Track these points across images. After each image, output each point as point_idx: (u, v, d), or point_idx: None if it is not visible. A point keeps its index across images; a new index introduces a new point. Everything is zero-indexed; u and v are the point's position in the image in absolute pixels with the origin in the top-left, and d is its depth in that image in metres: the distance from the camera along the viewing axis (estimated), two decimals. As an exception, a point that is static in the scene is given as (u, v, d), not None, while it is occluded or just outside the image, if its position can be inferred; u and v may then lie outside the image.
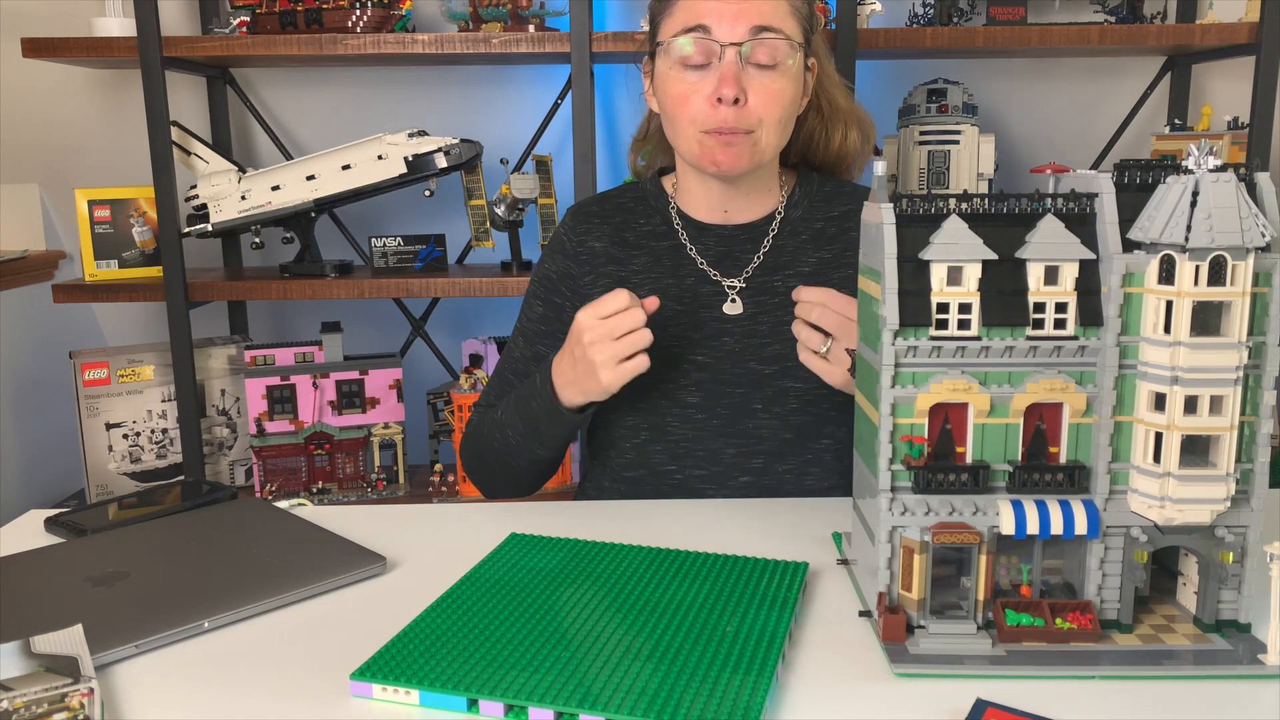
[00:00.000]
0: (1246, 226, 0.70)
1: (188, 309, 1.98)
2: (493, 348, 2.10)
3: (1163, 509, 0.75)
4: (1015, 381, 0.77)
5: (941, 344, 0.76)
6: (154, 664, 0.79)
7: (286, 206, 2.02)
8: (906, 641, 0.78)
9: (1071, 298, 0.76)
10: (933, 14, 2.00)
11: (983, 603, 0.78)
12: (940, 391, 0.77)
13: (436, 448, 2.22)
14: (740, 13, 1.14)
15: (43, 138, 2.27)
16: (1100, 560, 0.77)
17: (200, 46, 1.92)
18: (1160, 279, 0.73)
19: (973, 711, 0.69)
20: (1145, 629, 0.79)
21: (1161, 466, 0.74)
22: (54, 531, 1.09)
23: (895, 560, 0.79)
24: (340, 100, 2.25)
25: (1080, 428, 0.78)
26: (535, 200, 2.03)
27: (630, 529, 1.06)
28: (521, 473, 1.25)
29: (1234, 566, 0.77)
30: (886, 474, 0.78)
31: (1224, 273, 0.72)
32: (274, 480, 2.03)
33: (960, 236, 0.76)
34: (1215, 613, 0.79)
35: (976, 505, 0.77)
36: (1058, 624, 0.77)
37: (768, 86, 1.16)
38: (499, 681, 0.72)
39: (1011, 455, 0.78)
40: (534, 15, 1.96)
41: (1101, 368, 0.76)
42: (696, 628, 0.80)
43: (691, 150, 1.20)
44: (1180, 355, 0.72)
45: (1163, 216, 0.73)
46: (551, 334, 1.30)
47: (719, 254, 1.27)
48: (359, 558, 0.96)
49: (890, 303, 0.76)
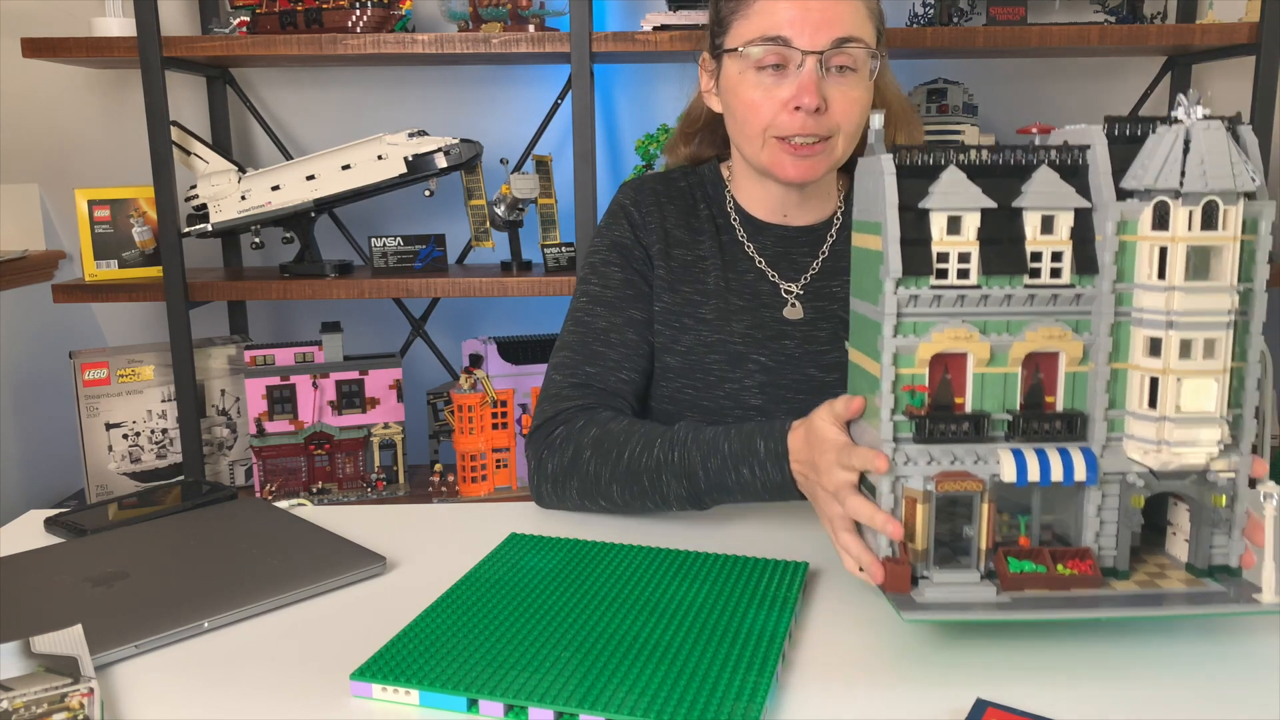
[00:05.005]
0: (1237, 171, 0.73)
1: (188, 309, 1.98)
2: (493, 348, 2.10)
3: (1159, 453, 0.76)
4: (1014, 330, 0.79)
5: (942, 293, 0.77)
6: (154, 664, 0.79)
7: (286, 206, 2.02)
8: (911, 592, 0.78)
9: (1067, 246, 0.78)
10: (933, 14, 2.00)
11: (985, 551, 0.78)
12: (941, 341, 0.78)
13: (436, 448, 2.22)
14: (822, 22, 1.10)
15: (43, 138, 2.27)
16: (1098, 508, 0.78)
17: (200, 46, 1.92)
18: (1154, 225, 0.75)
19: (973, 711, 0.69)
20: (1141, 575, 0.80)
21: (1158, 411, 0.76)
22: (54, 531, 1.09)
23: (898, 511, 0.79)
24: (340, 100, 2.25)
25: (1077, 376, 0.79)
26: (535, 200, 2.03)
27: (630, 529, 1.05)
28: (637, 512, 1.10)
29: (1225, 510, 0.79)
30: (889, 424, 0.79)
31: (1216, 217, 0.74)
32: (274, 480, 2.03)
33: (959, 186, 0.77)
34: (1208, 558, 0.80)
35: (978, 454, 0.78)
36: (1059, 570, 0.78)
37: (847, 94, 1.12)
38: (499, 681, 0.72)
39: (1010, 404, 0.79)
40: (534, 15, 1.96)
41: (1097, 314, 0.78)
42: (696, 628, 0.80)
43: (760, 158, 1.17)
44: (1175, 299, 0.74)
45: (1156, 164, 0.75)
46: (640, 297, 1.22)
47: (776, 254, 1.25)
48: (359, 558, 0.96)
49: (892, 252, 0.77)
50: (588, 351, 1.20)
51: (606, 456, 1.08)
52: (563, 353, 1.21)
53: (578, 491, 1.10)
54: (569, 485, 1.10)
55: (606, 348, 1.20)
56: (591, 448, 1.09)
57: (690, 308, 1.22)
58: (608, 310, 1.22)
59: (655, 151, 2.01)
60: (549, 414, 1.16)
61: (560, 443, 1.12)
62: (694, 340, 1.22)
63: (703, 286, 1.23)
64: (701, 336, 1.22)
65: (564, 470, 1.10)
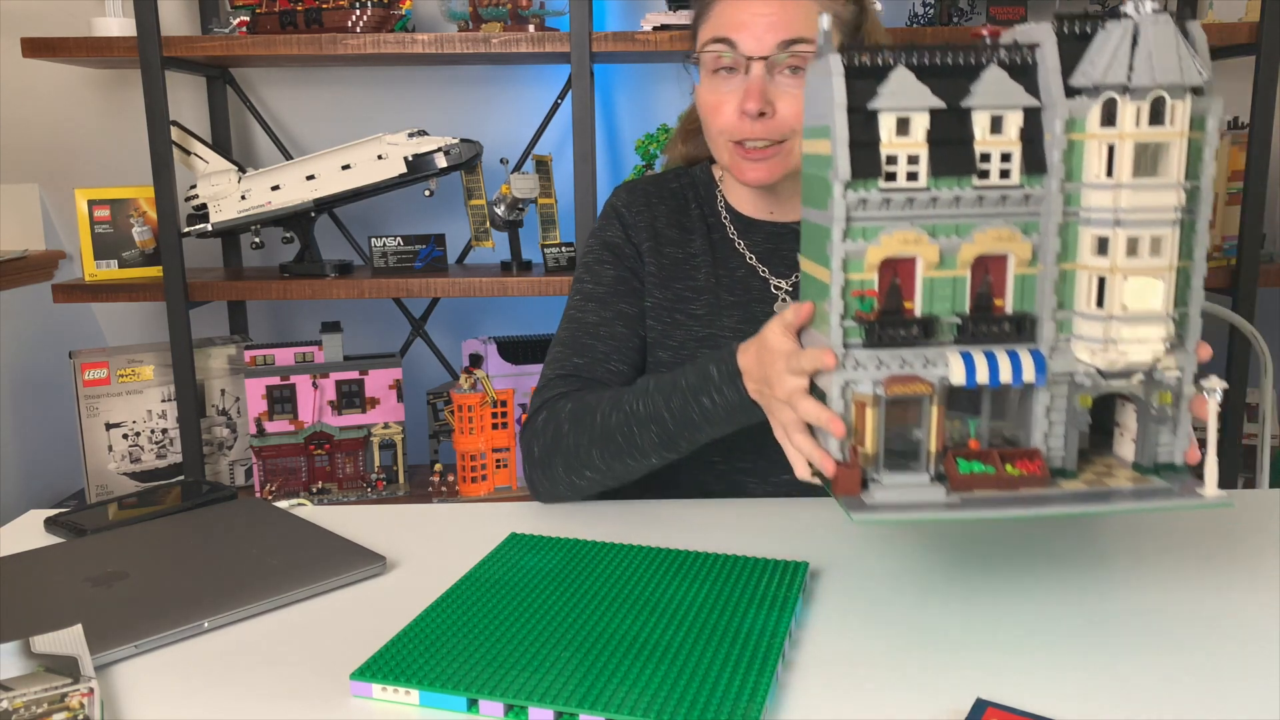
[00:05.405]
0: (1185, 65, 0.73)
1: (187, 309, 1.98)
2: (493, 348, 2.10)
3: (1106, 352, 0.77)
4: (963, 232, 0.78)
5: (891, 195, 0.77)
6: (154, 664, 0.79)
7: (286, 206, 2.02)
8: (862, 495, 0.78)
9: (1016, 146, 0.77)
10: (933, 14, 2.00)
11: (934, 454, 0.79)
12: (890, 244, 0.77)
13: (436, 448, 2.22)
14: (769, 26, 1.09)
15: (43, 138, 2.27)
16: (1046, 408, 0.79)
17: (200, 46, 1.92)
18: (1103, 122, 0.75)
19: (972, 711, 0.69)
20: (1089, 475, 0.81)
21: (1105, 310, 0.76)
22: (54, 531, 1.09)
23: (848, 416, 0.79)
24: (340, 100, 2.25)
25: (1025, 279, 0.79)
26: (535, 200, 2.03)
27: (630, 529, 1.05)
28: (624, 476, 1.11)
29: (1170, 408, 0.79)
30: (838, 330, 0.79)
31: (1164, 112, 0.73)
32: (274, 480, 2.03)
33: (908, 86, 0.76)
34: (1154, 455, 0.81)
35: (926, 358, 0.78)
36: (1008, 470, 0.78)
37: (799, 97, 1.10)
38: (499, 681, 0.72)
39: (959, 308, 0.79)
40: (534, 15, 1.96)
41: (1046, 214, 0.77)
42: (696, 628, 0.80)
43: (723, 159, 1.18)
44: (1122, 197, 0.74)
45: (1104, 59, 0.74)
46: (632, 293, 1.24)
47: (766, 250, 1.25)
48: (359, 558, 0.96)
49: (840, 154, 0.76)
50: (577, 345, 1.22)
51: (583, 425, 1.10)
52: (555, 349, 1.23)
53: (563, 468, 1.12)
54: (554, 464, 1.12)
55: (595, 340, 1.22)
56: (570, 421, 1.12)
57: (682, 304, 1.23)
58: (599, 305, 1.24)
59: (655, 151, 2.01)
60: (536, 405, 1.19)
61: (543, 425, 1.14)
62: (685, 335, 1.23)
63: (694, 283, 1.24)
64: (693, 332, 1.23)
65: (548, 450, 1.12)
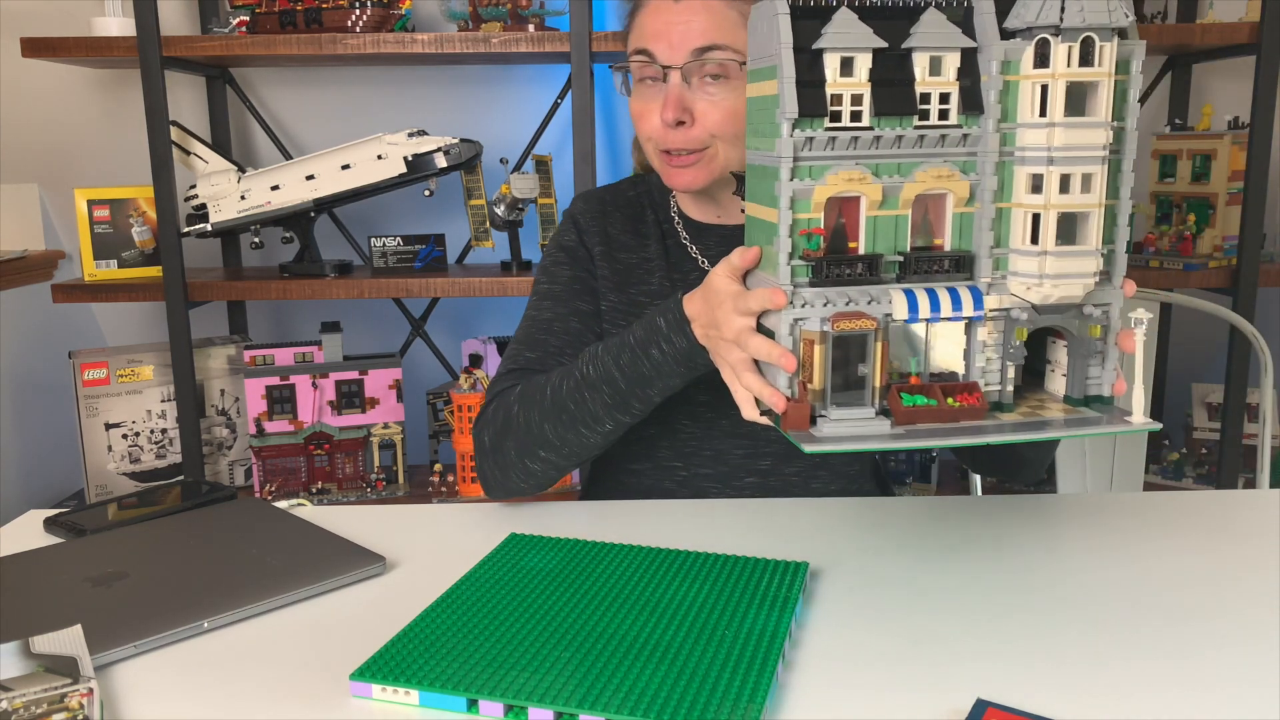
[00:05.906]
0: (1112, 7, 0.77)
1: (187, 309, 1.98)
2: (493, 348, 2.10)
3: (1040, 286, 0.80)
4: (905, 172, 0.81)
5: (836, 135, 0.80)
6: (154, 664, 0.79)
7: (286, 206, 2.02)
8: (811, 429, 0.81)
9: (954, 87, 0.80)
10: (933, 14, 2.00)
11: (879, 389, 0.82)
12: (836, 183, 0.80)
13: (436, 448, 2.22)
14: (683, 34, 1.09)
15: (43, 138, 2.27)
16: (984, 343, 0.83)
17: (200, 46, 1.92)
18: (1036, 64, 0.78)
19: (972, 711, 0.69)
20: (1024, 408, 0.85)
21: (1039, 246, 0.80)
22: (53, 531, 1.09)
23: (796, 352, 0.82)
24: (340, 100, 2.25)
25: (964, 217, 0.83)
26: (535, 200, 2.03)
27: (630, 529, 1.05)
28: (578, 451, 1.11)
29: (1099, 342, 0.84)
30: (786, 269, 0.81)
31: (1093, 53, 0.78)
32: (274, 480, 2.03)
33: (851, 26, 0.79)
34: (1084, 388, 0.85)
35: (871, 295, 0.81)
36: (949, 403, 0.82)
37: (719, 104, 1.10)
38: (499, 681, 0.72)
39: (901, 246, 0.83)
40: (534, 15, 1.96)
41: (983, 153, 0.81)
42: (696, 628, 0.80)
43: (655, 166, 1.19)
44: (1055, 135, 0.78)
45: (1037, 2, 0.78)
46: (588, 292, 1.25)
47: (719, 254, 1.26)
48: (359, 558, 0.96)
49: (787, 92, 0.78)
50: (531, 341, 1.23)
51: (533, 402, 1.11)
52: (511, 347, 1.24)
53: (515, 450, 1.11)
54: (506, 448, 1.12)
55: (549, 335, 1.23)
56: (519, 402, 1.12)
57: (636, 308, 1.24)
58: (554, 303, 1.25)
59: (655, 151, 2.01)
60: (487, 399, 1.19)
61: (493, 414, 1.15)
62: None
63: (648, 287, 1.24)
64: None
65: (499, 434, 1.12)
